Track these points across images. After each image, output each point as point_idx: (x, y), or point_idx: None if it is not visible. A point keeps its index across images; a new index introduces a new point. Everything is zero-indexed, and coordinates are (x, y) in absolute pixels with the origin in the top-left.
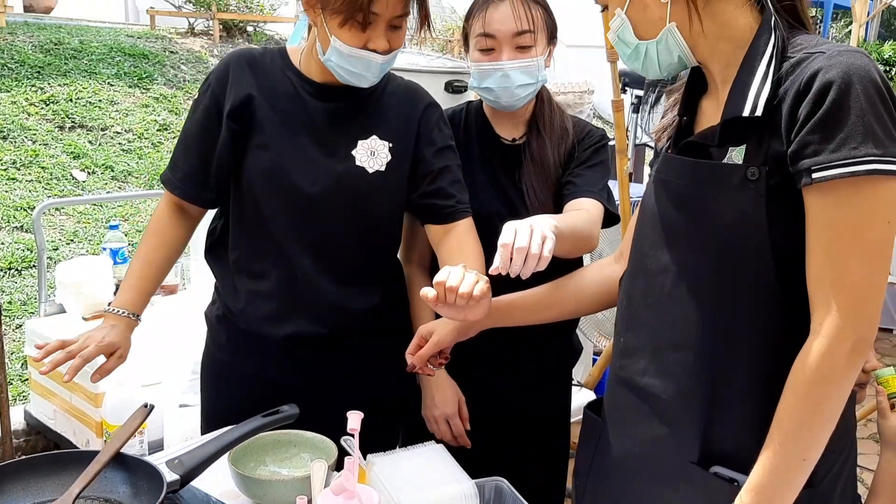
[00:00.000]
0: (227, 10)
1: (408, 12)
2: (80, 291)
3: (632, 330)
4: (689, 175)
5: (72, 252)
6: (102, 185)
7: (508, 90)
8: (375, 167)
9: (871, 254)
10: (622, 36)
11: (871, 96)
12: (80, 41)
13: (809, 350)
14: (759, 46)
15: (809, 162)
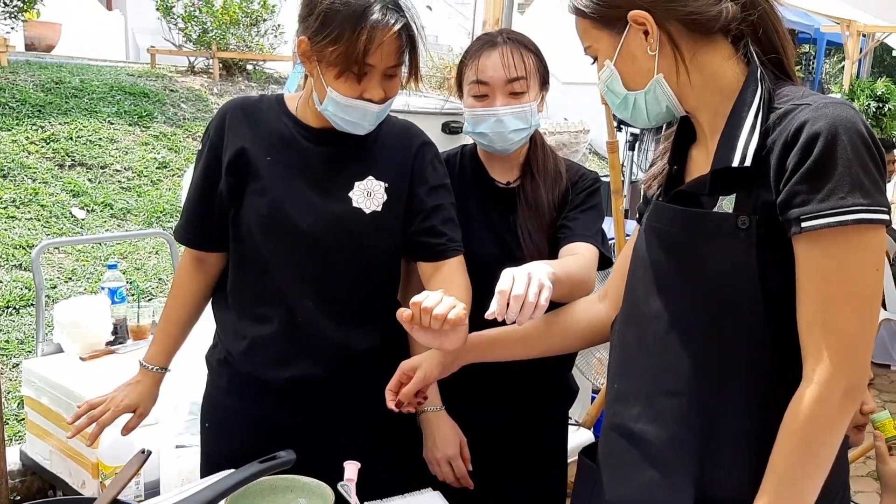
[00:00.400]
0: (227, 49)
1: (402, 62)
2: (77, 331)
3: (625, 376)
4: (681, 223)
5: (70, 290)
6: (101, 223)
7: (502, 135)
8: (372, 208)
9: (861, 301)
10: (611, 86)
11: (858, 147)
12: (81, 80)
13: (802, 397)
14: (746, 98)
15: (798, 211)
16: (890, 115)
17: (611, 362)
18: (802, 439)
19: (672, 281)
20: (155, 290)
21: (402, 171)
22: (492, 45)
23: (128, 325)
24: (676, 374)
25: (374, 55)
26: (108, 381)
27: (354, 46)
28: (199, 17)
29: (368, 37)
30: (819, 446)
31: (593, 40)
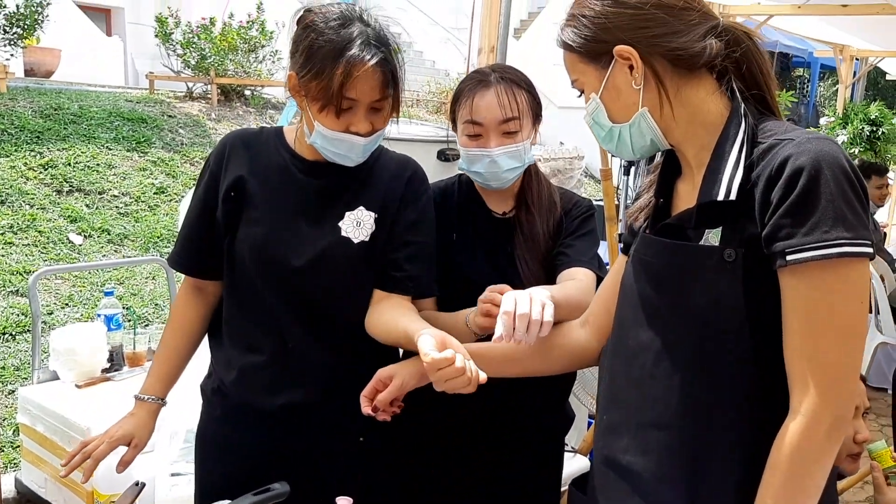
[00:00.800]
0: (226, 75)
1: (388, 95)
2: (73, 359)
3: (613, 408)
4: (668, 256)
5: (66, 316)
6: (98, 249)
7: (496, 174)
8: (360, 237)
9: (845, 333)
10: (597, 119)
11: (841, 182)
12: (80, 106)
13: (788, 430)
14: (730, 132)
15: (783, 245)
16: (884, 139)
17: (599, 394)
18: (790, 472)
19: (659, 313)
20: (151, 315)
21: (391, 202)
22: (485, 85)
23: (124, 352)
24: (664, 406)
25: (353, 90)
26: (103, 408)
27: (332, 81)
28: (197, 43)
29: (345, 72)
30: (807, 478)
31: (580, 73)
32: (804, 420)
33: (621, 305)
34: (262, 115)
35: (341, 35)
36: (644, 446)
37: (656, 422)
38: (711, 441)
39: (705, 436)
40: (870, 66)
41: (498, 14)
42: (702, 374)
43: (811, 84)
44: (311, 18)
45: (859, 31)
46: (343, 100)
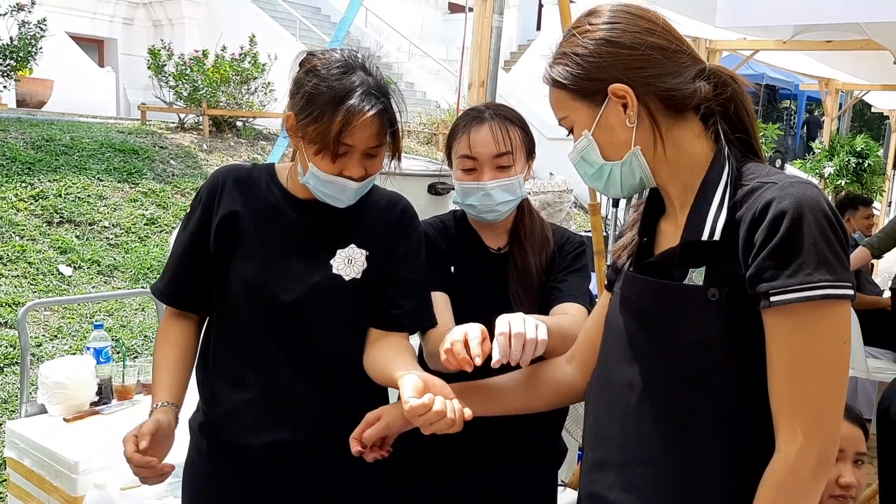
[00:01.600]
0: (217, 107)
1: (383, 143)
2: (62, 392)
3: (599, 445)
4: (652, 294)
5: (55, 348)
6: (88, 280)
7: (490, 207)
8: (352, 275)
9: (830, 374)
10: (587, 157)
11: (822, 225)
12: (72, 137)
13: (775, 468)
14: (714, 173)
15: (767, 286)
16: (870, 171)
17: (585, 431)
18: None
19: (644, 350)
20: (141, 347)
21: (382, 239)
22: (479, 121)
23: (112, 386)
24: (649, 444)
25: (350, 137)
26: (91, 442)
27: (331, 128)
28: (189, 75)
29: (345, 120)
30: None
31: (569, 111)
32: (790, 459)
33: (606, 341)
34: (253, 147)
35: (343, 83)
36: (630, 483)
37: (641, 459)
38: (697, 479)
39: (690, 473)
40: (855, 100)
41: (488, 49)
42: (686, 412)
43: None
44: (314, 63)
45: (844, 66)
46: (340, 146)
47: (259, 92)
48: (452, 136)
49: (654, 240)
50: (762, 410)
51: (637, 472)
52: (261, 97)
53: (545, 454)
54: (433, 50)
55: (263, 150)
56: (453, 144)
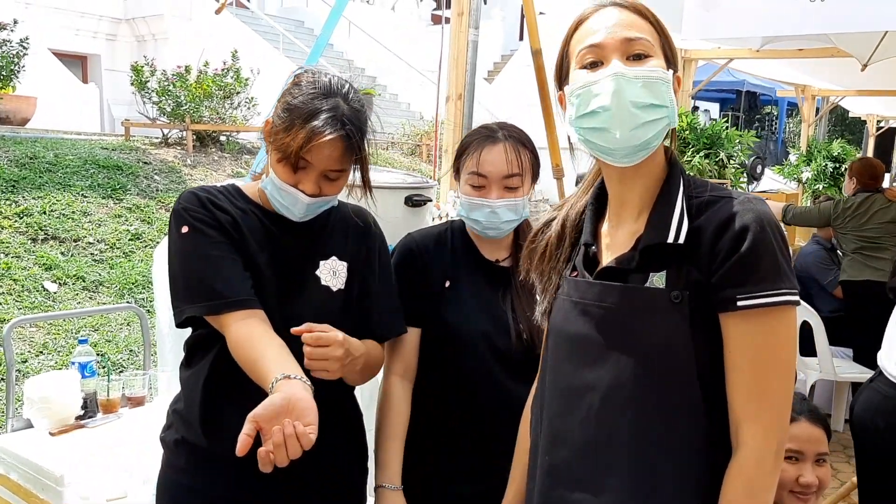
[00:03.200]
0: (201, 121)
1: (345, 169)
2: (47, 407)
3: (558, 448)
4: (614, 298)
5: (41, 364)
6: (73, 296)
7: (495, 223)
8: (338, 286)
9: (787, 372)
10: (660, 88)
11: (779, 239)
12: (55, 154)
13: (742, 463)
14: (673, 182)
15: (734, 291)
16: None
17: (538, 436)
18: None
19: (604, 354)
20: (126, 362)
21: (359, 251)
22: (493, 141)
23: (98, 400)
24: (614, 443)
25: (309, 154)
26: (77, 455)
27: (294, 141)
28: (173, 91)
29: (307, 137)
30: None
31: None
32: (756, 453)
33: (554, 347)
34: (237, 161)
35: (316, 104)
36: (595, 484)
37: (606, 459)
38: (664, 476)
39: (655, 471)
40: (832, 105)
41: (465, 62)
42: (652, 412)
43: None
44: (303, 79)
45: (818, 73)
46: (299, 160)
47: (242, 106)
48: (463, 152)
49: (598, 246)
50: (721, 408)
51: (601, 473)
52: (244, 111)
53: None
54: (417, 61)
55: (247, 164)
56: (464, 160)
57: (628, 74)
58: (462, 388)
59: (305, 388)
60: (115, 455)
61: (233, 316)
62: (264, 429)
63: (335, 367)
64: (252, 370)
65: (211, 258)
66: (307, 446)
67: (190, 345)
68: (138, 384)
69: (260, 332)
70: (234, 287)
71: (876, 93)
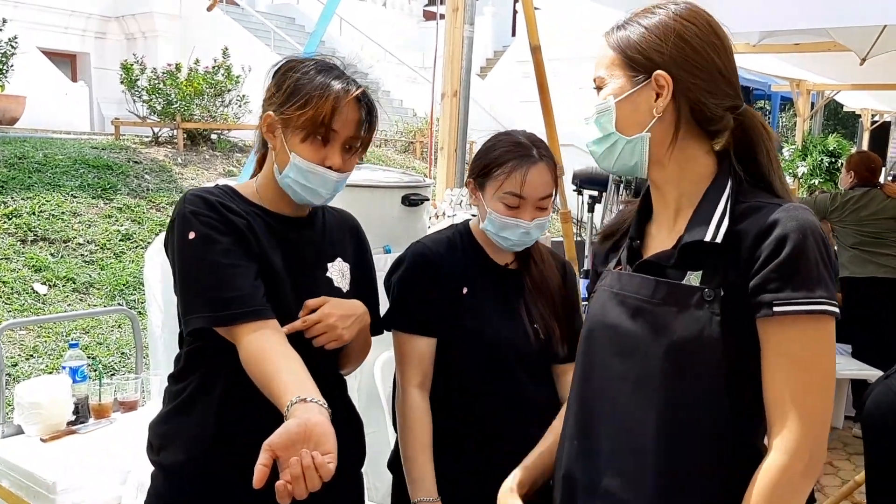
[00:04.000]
0: (192, 120)
1: (359, 136)
2: (38, 412)
3: (588, 433)
4: (650, 292)
5: (31, 368)
6: (64, 298)
7: (525, 242)
8: (346, 287)
9: (824, 382)
10: (602, 119)
11: (822, 248)
12: (45, 154)
13: (770, 467)
14: (719, 184)
15: (771, 297)
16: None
17: (570, 421)
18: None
19: (636, 344)
20: (118, 364)
21: (356, 253)
22: (532, 161)
23: (89, 404)
24: (642, 432)
25: (338, 120)
26: (69, 461)
27: (322, 110)
28: (163, 89)
29: (334, 101)
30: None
31: (610, 74)
32: (784, 457)
33: (590, 335)
34: (228, 159)
35: (326, 74)
36: (621, 471)
37: (634, 446)
38: (686, 467)
39: (680, 461)
40: (827, 100)
41: (460, 59)
42: (678, 405)
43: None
44: (294, 65)
45: (813, 67)
46: (329, 131)
47: (234, 104)
48: (494, 165)
49: (643, 242)
50: (747, 408)
51: (628, 460)
52: (235, 109)
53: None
54: (409, 58)
55: (239, 163)
56: (497, 175)
57: (587, 115)
58: (484, 392)
59: (322, 411)
60: (107, 461)
61: (245, 328)
62: (281, 457)
63: (338, 331)
64: (266, 388)
65: (221, 266)
66: (326, 477)
67: (186, 357)
68: (130, 388)
69: (274, 346)
70: (246, 296)
71: (872, 87)
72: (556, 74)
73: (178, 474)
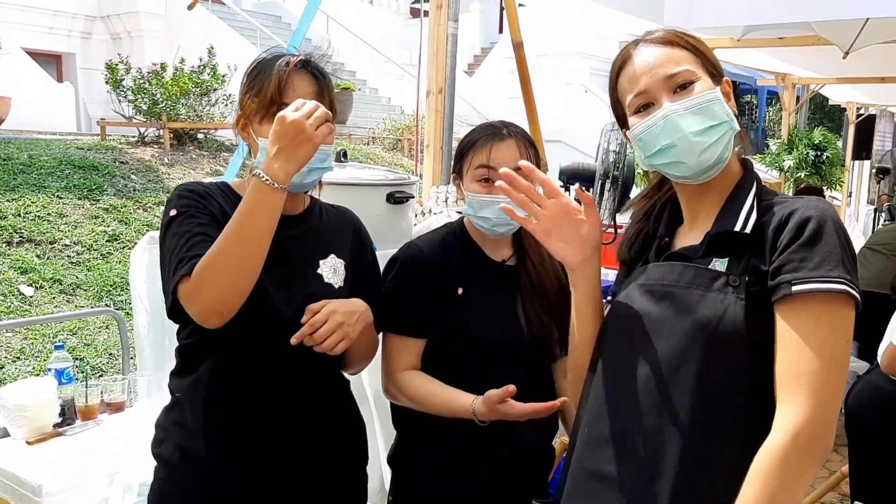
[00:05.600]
0: (178, 119)
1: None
2: (23, 415)
3: (599, 420)
4: (676, 276)
5: (18, 370)
6: (50, 299)
7: (505, 220)
8: (339, 283)
9: (834, 364)
10: (712, 107)
11: (841, 234)
12: (30, 155)
13: (769, 445)
14: (746, 182)
15: (790, 276)
16: (829, 163)
17: (582, 410)
18: (765, 485)
19: (658, 329)
20: (105, 365)
21: (352, 249)
22: (501, 137)
23: (76, 406)
24: (657, 416)
25: (287, 94)
26: (55, 464)
27: (269, 88)
28: (148, 89)
29: (279, 75)
30: (781, 494)
31: (695, 70)
32: (785, 436)
33: (607, 329)
34: (215, 159)
35: (273, 60)
36: (632, 455)
37: (648, 430)
38: (709, 452)
39: (698, 444)
40: (812, 93)
41: (445, 56)
42: (698, 388)
43: (759, 110)
44: (254, 63)
45: (798, 61)
46: (280, 105)
47: (220, 103)
48: (468, 149)
49: (671, 242)
50: (765, 392)
51: (641, 444)
52: (221, 108)
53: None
54: (396, 55)
55: (225, 162)
56: (469, 156)
57: (679, 109)
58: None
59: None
60: (94, 463)
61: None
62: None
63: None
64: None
65: (193, 234)
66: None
67: (182, 352)
68: (118, 389)
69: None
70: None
71: (856, 80)
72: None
73: (177, 466)
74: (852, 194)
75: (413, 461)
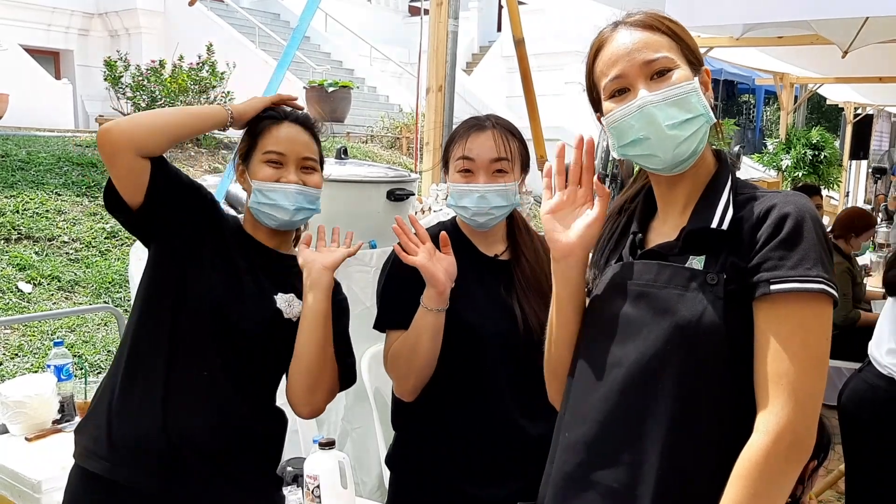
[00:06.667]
0: None
1: (315, 159)
2: (22, 412)
3: (578, 425)
4: (653, 275)
5: (16, 367)
6: (49, 297)
7: (484, 210)
8: (289, 315)
9: (815, 364)
10: (688, 99)
11: (819, 232)
12: (28, 152)
13: (751, 448)
14: (720, 178)
15: (769, 275)
16: (826, 162)
17: (561, 417)
18: (747, 488)
19: (635, 329)
20: (104, 362)
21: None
22: (480, 128)
23: (75, 403)
24: (635, 418)
25: (274, 142)
26: (55, 460)
27: (256, 134)
28: (147, 86)
29: (264, 126)
30: (764, 497)
31: (674, 58)
32: (766, 438)
33: (591, 326)
34: (214, 156)
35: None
36: (613, 459)
37: (628, 435)
38: (684, 453)
39: (678, 447)
40: (810, 93)
41: (444, 54)
42: (677, 386)
43: (756, 110)
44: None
45: (797, 60)
46: (267, 153)
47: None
48: (451, 141)
49: (645, 237)
50: (746, 393)
51: (622, 448)
52: None
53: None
54: (394, 53)
55: (224, 160)
56: (452, 149)
57: (655, 100)
58: (476, 385)
59: None
60: None
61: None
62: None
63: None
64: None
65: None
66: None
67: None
68: None
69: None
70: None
71: (855, 80)
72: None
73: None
74: (849, 194)
75: (412, 461)
